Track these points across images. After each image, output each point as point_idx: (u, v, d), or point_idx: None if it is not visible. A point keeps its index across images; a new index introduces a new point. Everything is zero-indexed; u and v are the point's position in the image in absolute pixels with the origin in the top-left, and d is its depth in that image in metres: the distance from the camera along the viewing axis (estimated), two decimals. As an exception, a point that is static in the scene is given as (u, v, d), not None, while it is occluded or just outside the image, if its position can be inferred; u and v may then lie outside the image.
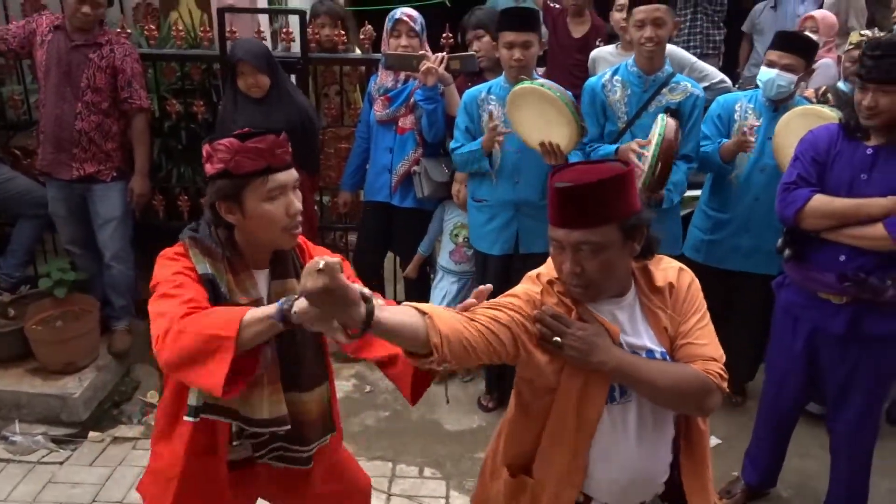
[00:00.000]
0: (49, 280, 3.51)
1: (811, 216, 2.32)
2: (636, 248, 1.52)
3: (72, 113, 3.37)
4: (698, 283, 1.65)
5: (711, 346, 1.58)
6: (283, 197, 1.64)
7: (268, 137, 1.61)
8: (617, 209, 1.46)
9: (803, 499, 2.95)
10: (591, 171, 1.50)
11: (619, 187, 1.46)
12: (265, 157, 1.61)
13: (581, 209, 1.44)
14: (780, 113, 2.96)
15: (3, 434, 3.22)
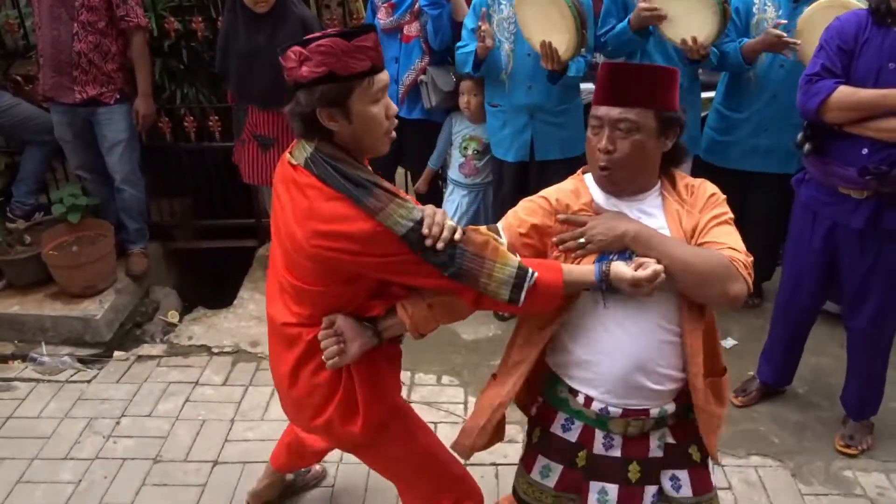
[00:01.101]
0: (62, 206, 3.52)
1: (835, 109, 2.23)
2: (667, 144, 1.60)
3: (68, 34, 3.29)
4: (722, 196, 1.67)
5: (734, 243, 1.57)
6: (384, 98, 1.55)
7: (371, 35, 1.49)
8: (658, 98, 1.56)
9: (819, 395, 2.98)
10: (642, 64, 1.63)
11: (664, 80, 1.57)
12: (371, 55, 1.48)
13: (626, 88, 1.55)
14: (801, 5, 2.84)
15: (31, 356, 3.29)
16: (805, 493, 2.51)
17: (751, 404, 2.91)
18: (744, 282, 1.52)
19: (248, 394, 3.05)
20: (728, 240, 1.57)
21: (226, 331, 3.51)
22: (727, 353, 3.23)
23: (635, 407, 1.62)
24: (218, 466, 2.66)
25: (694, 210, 1.64)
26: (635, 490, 1.66)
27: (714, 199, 1.65)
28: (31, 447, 2.76)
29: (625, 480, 1.66)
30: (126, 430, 2.85)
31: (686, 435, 1.68)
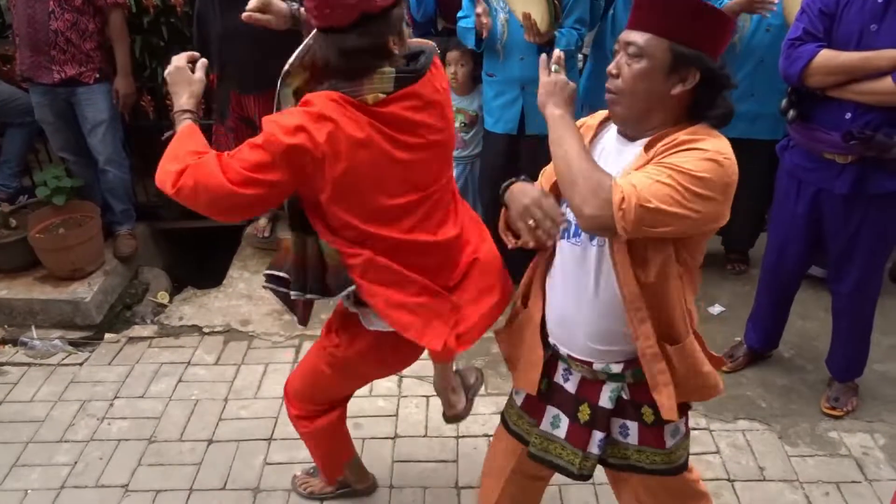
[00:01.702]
0: (46, 188, 3.48)
1: (817, 73, 2.23)
2: (681, 87, 1.42)
3: (44, 12, 3.23)
4: (704, 153, 1.38)
5: (640, 182, 1.37)
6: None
7: None
8: (678, 29, 1.40)
9: (805, 358, 3.02)
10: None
11: (686, 8, 1.39)
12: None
13: (646, 12, 1.43)
14: None
15: (22, 340, 3.29)
16: (791, 455, 2.56)
17: (738, 369, 2.95)
18: (608, 208, 1.35)
19: (240, 372, 3.07)
20: (639, 177, 1.38)
21: (216, 310, 3.52)
22: (714, 319, 3.28)
23: (576, 356, 1.64)
24: (213, 445, 2.68)
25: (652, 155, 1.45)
26: (583, 430, 1.66)
27: (681, 148, 1.40)
28: (25, 431, 2.77)
29: (574, 418, 1.67)
30: (119, 412, 2.86)
31: (642, 395, 1.62)
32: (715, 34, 1.43)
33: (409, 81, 1.59)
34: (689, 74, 1.41)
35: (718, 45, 1.44)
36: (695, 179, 1.36)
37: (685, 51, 1.40)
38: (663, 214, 1.36)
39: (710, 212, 1.40)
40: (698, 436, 2.64)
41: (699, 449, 2.58)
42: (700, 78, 1.42)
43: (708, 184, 1.37)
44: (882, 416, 2.72)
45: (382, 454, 2.61)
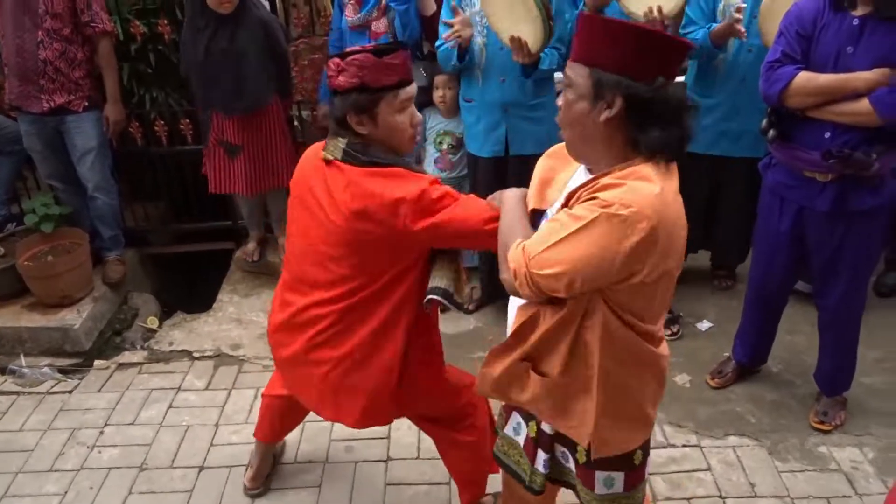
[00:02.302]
0: (35, 216, 3.48)
1: (796, 94, 2.28)
2: (607, 113, 1.35)
3: (33, 42, 3.25)
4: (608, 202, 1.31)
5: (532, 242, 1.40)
6: (409, 108, 1.78)
7: (400, 53, 1.72)
8: (596, 54, 1.35)
9: (793, 373, 3.04)
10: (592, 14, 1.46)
11: (602, 31, 1.34)
12: (399, 71, 1.72)
13: (575, 41, 1.41)
14: None
15: (10, 368, 3.27)
16: (782, 471, 2.57)
17: (727, 385, 2.97)
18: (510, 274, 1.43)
19: (231, 397, 3.06)
20: (536, 238, 1.41)
21: (206, 335, 3.51)
22: (702, 335, 3.31)
23: None
24: (204, 471, 2.67)
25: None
26: (532, 445, 1.70)
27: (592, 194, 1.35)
28: (14, 460, 2.75)
29: (527, 432, 1.72)
30: (110, 440, 2.85)
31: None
32: (642, 56, 1.33)
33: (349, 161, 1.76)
34: (613, 100, 1.35)
35: (651, 68, 1.34)
36: (586, 237, 1.32)
37: (604, 76, 1.35)
38: (557, 279, 1.35)
39: (606, 272, 1.33)
40: (689, 453, 2.66)
41: (690, 466, 2.60)
42: (627, 103, 1.34)
43: (600, 241, 1.31)
44: (870, 430, 2.74)
45: (375, 477, 2.60)
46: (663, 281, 1.42)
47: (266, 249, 3.99)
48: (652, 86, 1.33)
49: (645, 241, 1.30)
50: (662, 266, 1.37)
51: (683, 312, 3.43)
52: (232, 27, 3.24)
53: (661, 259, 1.36)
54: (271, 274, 3.94)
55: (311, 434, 2.81)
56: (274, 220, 3.94)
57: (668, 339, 3.23)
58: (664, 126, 1.35)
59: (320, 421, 2.85)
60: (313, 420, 2.86)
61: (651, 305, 1.47)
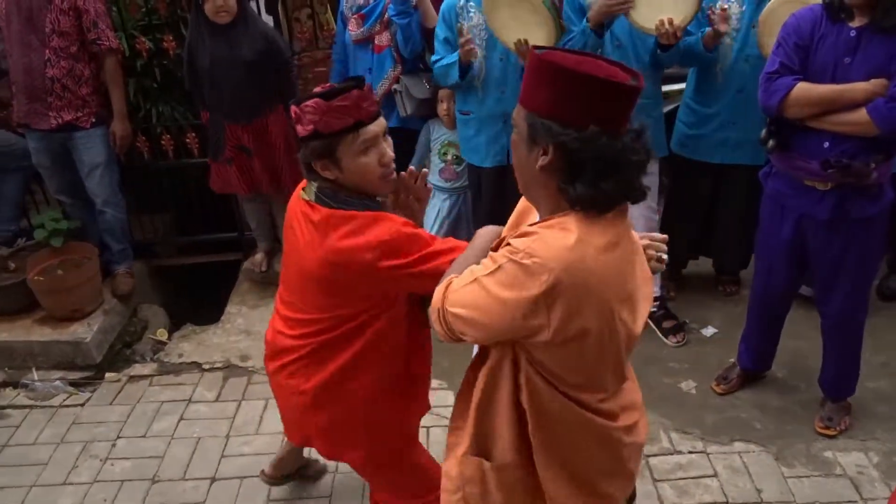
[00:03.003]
0: (44, 230, 3.53)
1: (794, 105, 2.30)
2: (541, 160, 1.26)
3: (40, 60, 3.29)
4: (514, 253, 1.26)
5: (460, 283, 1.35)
6: (375, 148, 1.66)
7: (352, 94, 1.61)
8: (532, 95, 1.26)
9: (798, 378, 3.06)
10: (561, 54, 1.29)
11: (551, 78, 1.22)
12: (352, 113, 1.61)
13: (523, 80, 1.32)
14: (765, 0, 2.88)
15: (23, 382, 3.31)
16: (788, 476, 2.59)
17: (732, 391, 3.00)
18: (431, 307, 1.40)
19: (241, 408, 3.10)
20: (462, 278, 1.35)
21: (215, 346, 3.55)
22: (708, 341, 3.34)
23: None
24: (216, 483, 2.70)
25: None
26: None
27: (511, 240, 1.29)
28: (28, 474, 2.79)
29: None
30: (122, 452, 2.89)
31: None
32: (572, 101, 1.21)
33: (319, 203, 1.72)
34: (540, 140, 1.25)
35: (582, 115, 1.21)
36: (490, 283, 1.26)
37: (537, 121, 1.25)
38: (463, 321, 1.31)
39: (507, 323, 1.26)
40: (696, 459, 2.68)
41: (697, 473, 2.62)
42: (558, 151, 1.24)
43: (500, 290, 1.25)
44: (875, 434, 2.76)
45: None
46: (583, 343, 1.28)
47: (274, 260, 4.03)
48: (581, 135, 1.21)
49: (545, 294, 1.21)
50: (574, 325, 1.25)
51: (688, 318, 3.45)
52: (233, 36, 3.29)
53: (572, 317, 1.24)
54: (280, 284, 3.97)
55: (320, 445, 2.84)
56: (281, 230, 3.97)
57: (673, 347, 3.28)
58: (595, 181, 1.23)
59: (329, 432, 2.89)
60: (322, 431, 2.90)
61: (577, 371, 1.34)
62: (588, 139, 1.20)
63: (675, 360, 3.22)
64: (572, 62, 1.22)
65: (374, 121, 1.66)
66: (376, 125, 1.66)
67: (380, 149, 1.67)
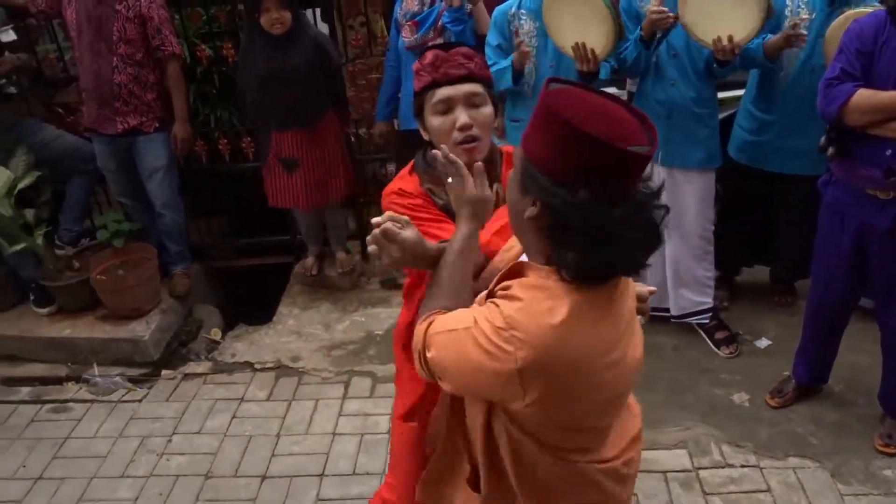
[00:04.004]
0: (106, 231, 3.66)
1: (855, 111, 2.25)
2: (530, 211, 1.14)
3: (108, 67, 3.42)
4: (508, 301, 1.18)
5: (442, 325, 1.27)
6: (451, 112, 1.61)
7: (436, 52, 1.61)
8: (534, 142, 1.14)
9: (855, 393, 2.97)
10: (575, 96, 1.13)
11: (547, 124, 1.10)
12: (429, 72, 1.61)
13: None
14: (836, 8, 2.79)
15: (85, 377, 3.44)
16: (845, 494, 2.52)
17: (787, 405, 2.92)
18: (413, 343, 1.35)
19: (291, 408, 3.16)
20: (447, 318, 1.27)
21: (267, 347, 3.63)
22: (761, 353, 3.26)
23: None
24: (266, 481, 2.76)
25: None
26: None
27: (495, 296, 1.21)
28: (89, 466, 2.90)
29: None
30: (177, 448, 2.97)
31: None
32: (564, 157, 1.08)
33: None
34: (535, 200, 1.13)
35: (572, 175, 1.07)
36: (466, 340, 1.18)
37: (531, 168, 1.13)
38: (440, 369, 1.25)
39: (479, 386, 1.21)
40: (748, 473, 2.63)
41: (749, 487, 2.57)
42: (545, 209, 1.12)
43: (474, 353, 1.16)
44: (938, 453, 2.66)
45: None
46: (563, 410, 1.21)
47: (324, 264, 4.10)
48: (570, 199, 1.07)
49: (521, 372, 1.13)
50: (554, 399, 1.17)
51: (741, 329, 3.39)
52: (287, 46, 3.38)
53: (551, 392, 1.16)
54: (329, 287, 4.05)
55: (368, 446, 2.88)
56: (332, 234, 4.04)
57: (726, 358, 3.22)
58: (585, 250, 1.09)
59: (378, 432, 2.94)
60: (371, 432, 2.95)
61: (556, 431, 1.27)
62: (577, 205, 1.06)
63: (727, 371, 3.16)
64: (580, 112, 1.07)
65: (453, 84, 1.60)
66: (452, 89, 1.59)
67: (456, 114, 1.60)
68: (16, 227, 3.47)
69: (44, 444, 3.03)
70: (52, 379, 3.47)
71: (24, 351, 3.60)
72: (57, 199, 3.91)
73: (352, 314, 3.84)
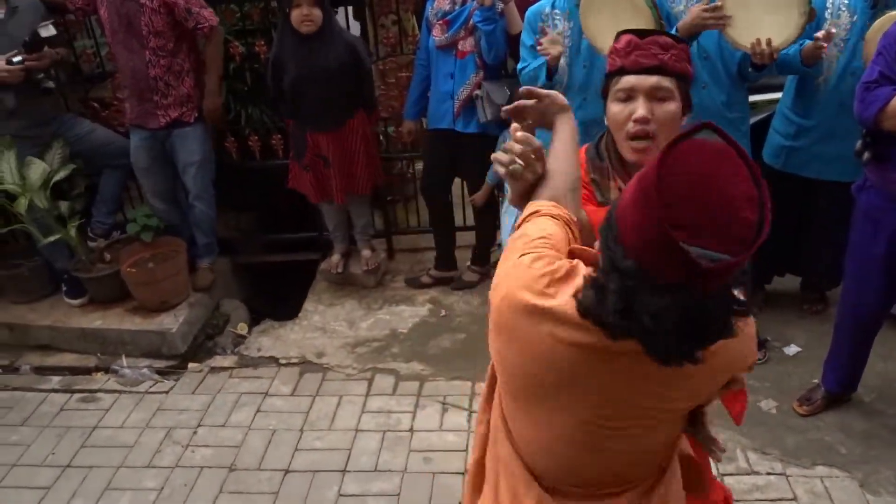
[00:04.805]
0: (136, 225, 3.72)
1: (892, 116, 2.20)
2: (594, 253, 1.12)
3: (142, 63, 3.47)
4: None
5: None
6: (631, 102, 1.53)
7: (630, 38, 1.54)
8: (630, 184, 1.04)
9: (886, 402, 2.92)
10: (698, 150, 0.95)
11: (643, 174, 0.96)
12: (619, 56, 1.55)
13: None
14: (879, 9, 2.72)
15: (113, 368, 3.50)
16: (873, 504, 2.48)
17: (816, 413, 2.88)
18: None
19: (315, 404, 3.18)
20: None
21: (292, 342, 3.65)
22: (790, 360, 3.22)
23: None
24: (289, 475, 2.78)
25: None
26: None
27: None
28: (116, 455, 2.94)
29: None
30: (202, 440, 3.00)
31: None
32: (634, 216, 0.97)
33: None
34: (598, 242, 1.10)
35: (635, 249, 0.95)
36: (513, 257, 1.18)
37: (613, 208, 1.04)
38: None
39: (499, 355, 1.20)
40: (774, 481, 2.59)
41: (775, 495, 2.53)
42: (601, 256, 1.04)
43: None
44: (971, 466, 2.61)
45: (453, 490, 2.65)
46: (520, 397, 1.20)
47: (350, 262, 4.12)
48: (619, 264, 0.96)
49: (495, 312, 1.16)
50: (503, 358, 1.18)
51: (770, 336, 3.34)
52: (319, 46, 3.40)
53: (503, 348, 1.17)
54: (354, 285, 4.07)
55: (390, 443, 2.89)
56: (357, 232, 4.06)
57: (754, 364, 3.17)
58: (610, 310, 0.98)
59: (400, 430, 2.95)
60: (393, 429, 2.96)
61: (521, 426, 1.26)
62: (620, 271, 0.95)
63: (754, 377, 3.12)
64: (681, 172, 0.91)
65: (642, 73, 1.52)
66: (639, 78, 1.52)
67: (636, 104, 1.52)
68: (50, 218, 3.55)
69: (73, 433, 3.09)
70: (82, 369, 3.54)
71: (56, 341, 3.67)
72: (91, 193, 3.98)
73: (376, 312, 3.85)
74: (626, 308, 0.95)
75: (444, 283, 4.01)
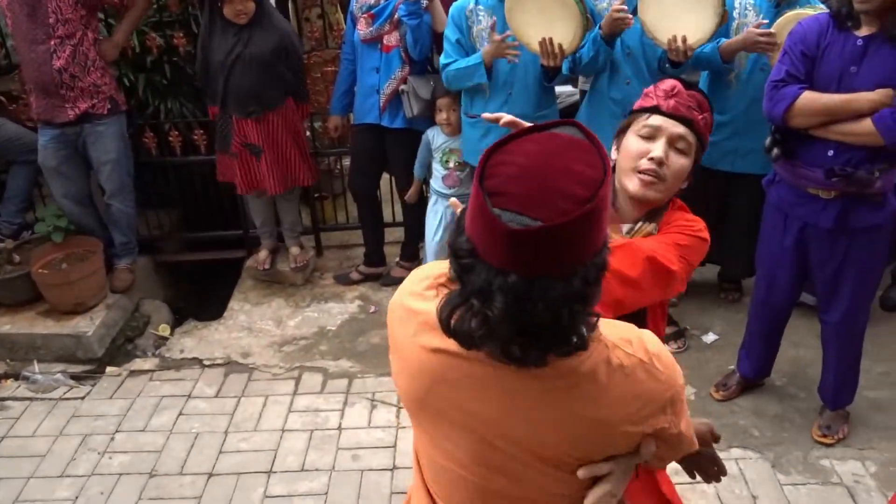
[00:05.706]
0: (45, 225, 3.54)
1: (800, 114, 2.31)
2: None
3: (47, 53, 3.28)
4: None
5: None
6: (652, 142, 1.52)
7: (677, 84, 1.56)
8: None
9: (797, 387, 3.06)
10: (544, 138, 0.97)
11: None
12: (660, 96, 1.54)
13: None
14: (782, 9, 2.86)
15: (24, 374, 3.33)
16: (784, 483, 2.59)
17: (731, 398, 2.99)
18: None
19: (240, 405, 3.10)
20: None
21: (217, 343, 3.56)
22: (708, 348, 3.33)
23: None
24: (213, 478, 2.71)
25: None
26: None
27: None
28: (26, 466, 2.80)
29: None
30: (121, 446, 2.89)
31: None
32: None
33: None
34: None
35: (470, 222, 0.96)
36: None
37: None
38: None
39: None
40: (692, 465, 2.67)
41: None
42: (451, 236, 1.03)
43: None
44: (873, 444, 2.76)
45: (381, 486, 2.64)
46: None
47: (277, 258, 4.05)
48: (459, 239, 0.96)
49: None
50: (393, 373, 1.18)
51: (689, 325, 3.45)
52: (248, 32, 3.34)
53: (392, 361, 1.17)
54: (282, 283, 4.00)
55: (318, 442, 2.85)
56: (285, 228, 3.99)
57: (674, 353, 3.26)
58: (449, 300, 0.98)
59: (328, 428, 2.91)
60: (321, 428, 2.92)
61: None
62: (461, 249, 0.95)
63: (674, 366, 3.22)
64: (528, 154, 0.93)
65: (670, 118, 1.52)
66: (670, 123, 1.51)
67: (655, 145, 1.51)
68: (-48, 218, 3.35)
69: (-21, 444, 2.93)
70: (-10, 376, 3.36)
71: (-40, 347, 3.47)
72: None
73: (304, 309, 3.80)
74: (464, 301, 0.94)
75: (374, 280, 3.98)
